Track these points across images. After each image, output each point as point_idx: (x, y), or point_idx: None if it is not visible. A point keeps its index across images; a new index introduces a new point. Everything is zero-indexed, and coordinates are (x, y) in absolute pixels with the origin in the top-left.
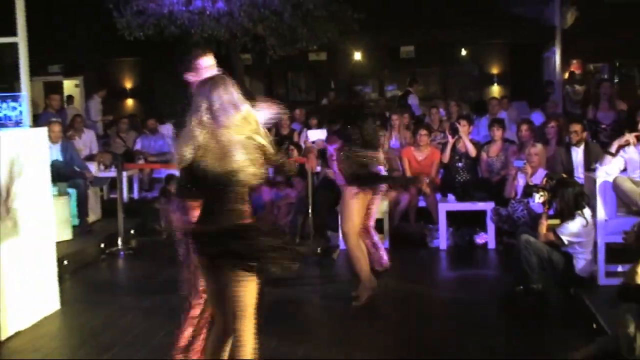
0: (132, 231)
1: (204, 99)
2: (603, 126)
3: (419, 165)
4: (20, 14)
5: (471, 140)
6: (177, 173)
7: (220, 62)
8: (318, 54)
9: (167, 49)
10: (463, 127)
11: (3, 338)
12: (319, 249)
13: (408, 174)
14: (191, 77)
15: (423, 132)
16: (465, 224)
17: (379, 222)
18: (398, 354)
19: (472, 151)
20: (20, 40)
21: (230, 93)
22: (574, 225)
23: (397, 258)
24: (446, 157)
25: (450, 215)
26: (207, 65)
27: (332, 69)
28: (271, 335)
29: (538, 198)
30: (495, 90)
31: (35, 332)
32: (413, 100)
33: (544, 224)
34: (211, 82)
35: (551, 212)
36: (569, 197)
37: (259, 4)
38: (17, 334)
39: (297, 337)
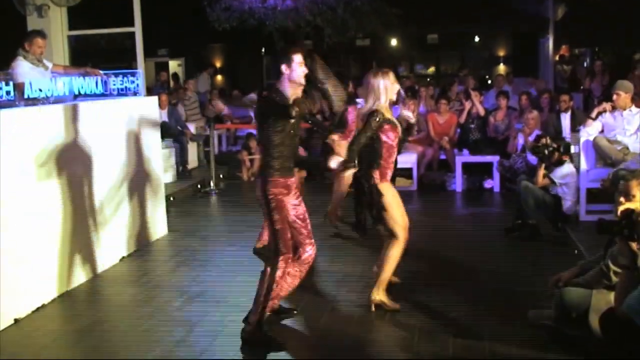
0: (220, 176)
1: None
2: (596, 96)
3: (440, 127)
4: (136, 9)
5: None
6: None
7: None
8: (363, 41)
9: (247, 37)
10: (475, 97)
11: (127, 254)
12: None
13: (432, 133)
14: (284, 69)
15: (443, 101)
16: (476, 173)
17: (409, 170)
18: (426, 267)
19: (482, 111)
20: (137, 30)
21: None
22: (564, 169)
23: (423, 198)
24: (463, 117)
25: (464, 165)
26: (299, 61)
27: (374, 52)
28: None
29: (548, 152)
30: (502, 68)
31: (150, 250)
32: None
33: (541, 173)
34: None
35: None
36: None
37: (318, 1)
38: (136, 250)
39: (345, 257)
